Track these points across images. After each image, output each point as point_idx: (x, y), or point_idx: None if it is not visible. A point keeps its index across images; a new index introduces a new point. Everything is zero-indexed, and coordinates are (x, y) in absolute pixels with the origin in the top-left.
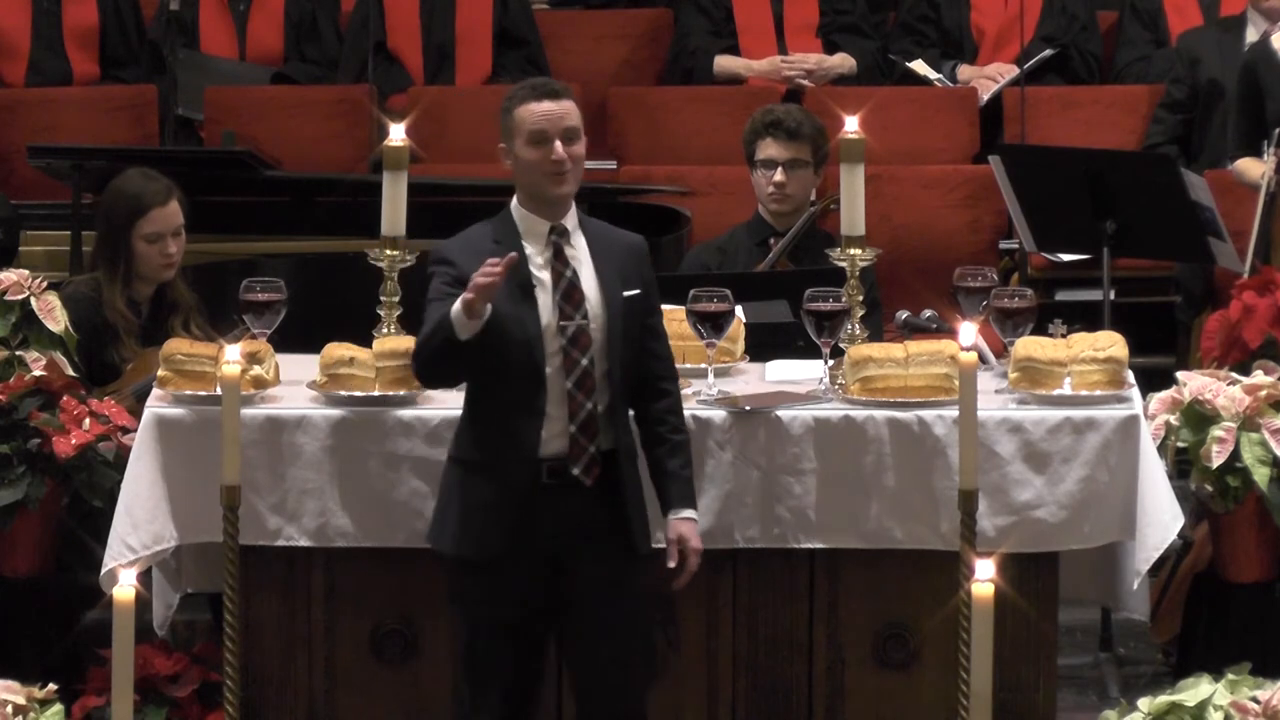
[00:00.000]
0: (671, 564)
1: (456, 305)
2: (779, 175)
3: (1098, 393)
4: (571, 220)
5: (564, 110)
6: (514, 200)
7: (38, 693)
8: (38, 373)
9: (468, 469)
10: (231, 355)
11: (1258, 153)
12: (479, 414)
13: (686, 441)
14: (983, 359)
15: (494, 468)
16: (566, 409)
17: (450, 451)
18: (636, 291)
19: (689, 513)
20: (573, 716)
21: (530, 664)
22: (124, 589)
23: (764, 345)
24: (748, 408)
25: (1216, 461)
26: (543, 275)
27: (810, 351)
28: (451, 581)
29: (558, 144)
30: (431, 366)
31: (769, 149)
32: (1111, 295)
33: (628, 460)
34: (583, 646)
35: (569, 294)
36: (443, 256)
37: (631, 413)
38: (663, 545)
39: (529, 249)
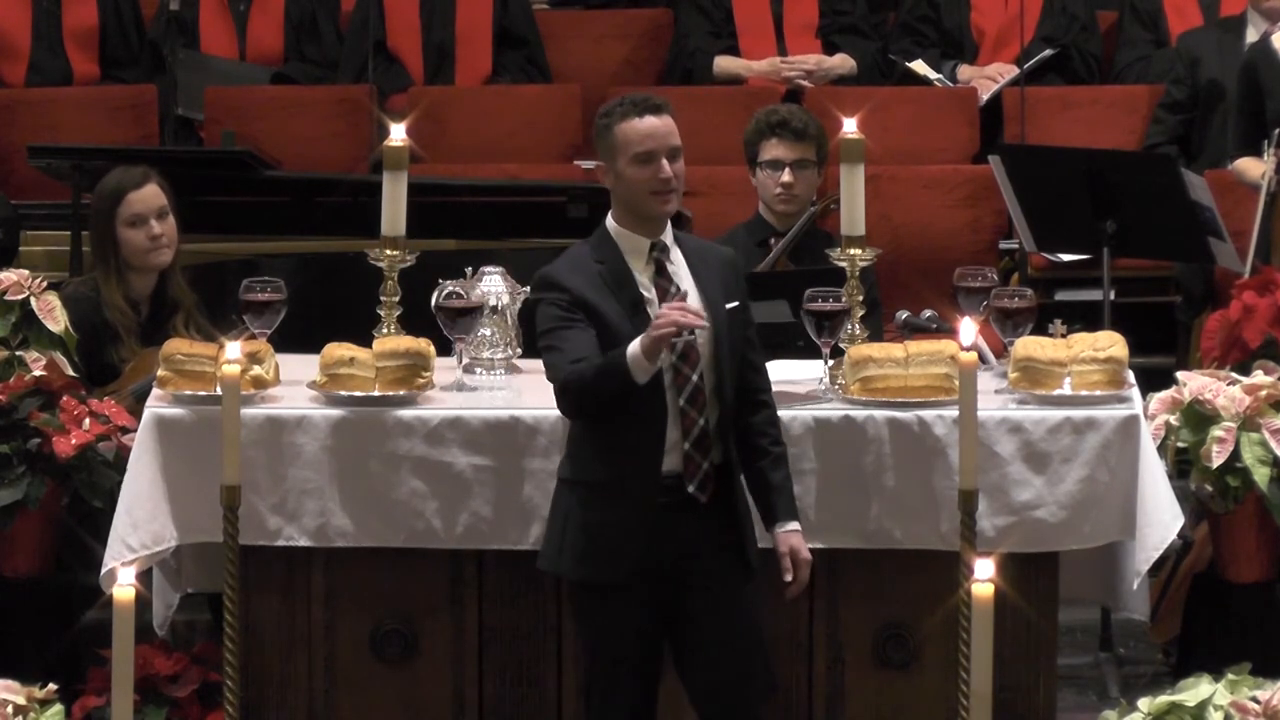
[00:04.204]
0: (787, 578)
1: (634, 350)
2: (786, 176)
3: (1098, 393)
4: (669, 236)
5: (669, 127)
6: (609, 219)
7: (38, 693)
8: (38, 373)
9: (587, 490)
10: (231, 355)
11: (1258, 153)
12: (598, 435)
13: (785, 453)
14: (983, 359)
15: (617, 487)
16: (680, 426)
17: (563, 474)
18: (737, 304)
19: (794, 525)
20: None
21: (652, 679)
22: (124, 589)
23: (764, 345)
24: None
25: (1216, 461)
26: (648, 292)
27: (810, 351)
28: (575, 605)
29: (664, 162)
30: (598, 407)
31: (775, 149)
32: (1111, 295)
33: (737, 474)
34: (702, 664)
35: None
36: (552, 280)
37: None
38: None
39: (632, 267)
